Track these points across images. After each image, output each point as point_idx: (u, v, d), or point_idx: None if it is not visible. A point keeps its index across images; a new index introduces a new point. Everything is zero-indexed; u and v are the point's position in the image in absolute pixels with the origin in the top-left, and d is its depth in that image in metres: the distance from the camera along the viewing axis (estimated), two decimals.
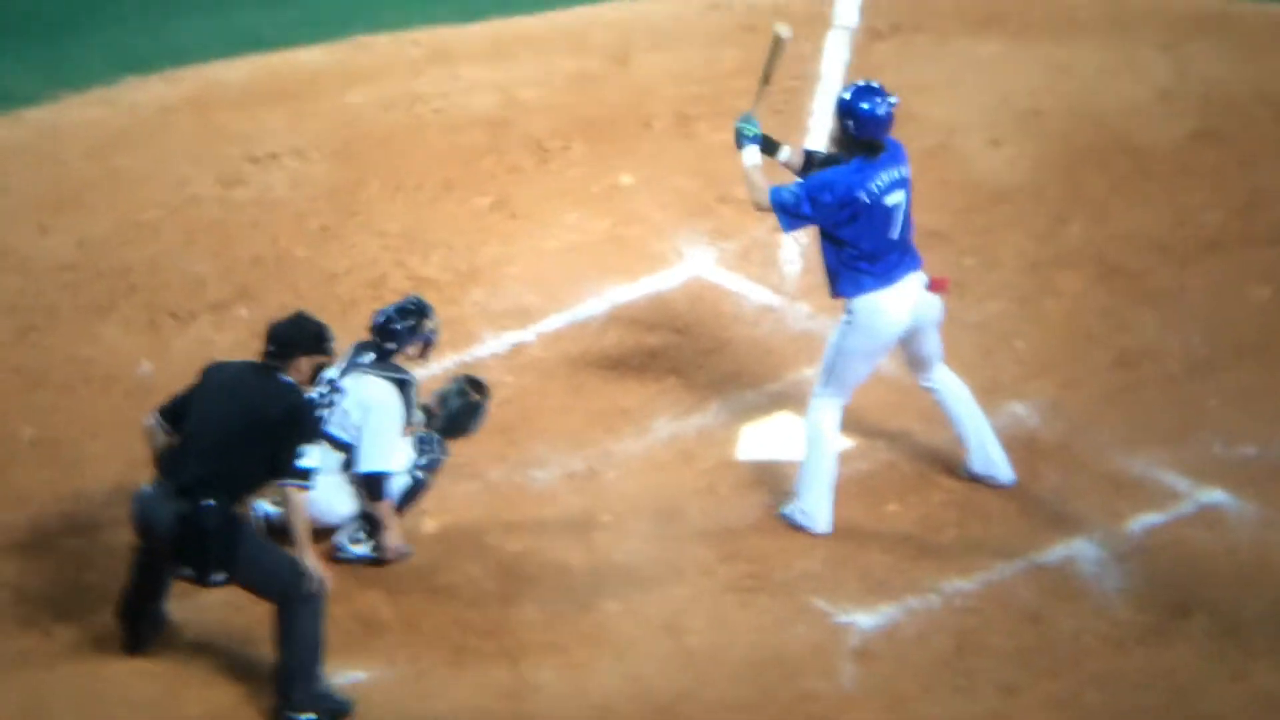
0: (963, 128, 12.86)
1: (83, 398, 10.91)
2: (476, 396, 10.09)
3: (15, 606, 9.57)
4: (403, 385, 9.90)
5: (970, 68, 13.36)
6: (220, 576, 8.94)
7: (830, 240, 9.84)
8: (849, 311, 9.86)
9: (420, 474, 9.90)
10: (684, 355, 11.27)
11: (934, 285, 9.93)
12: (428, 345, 10.05)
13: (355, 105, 13.13)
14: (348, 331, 11.23)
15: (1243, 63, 13.29)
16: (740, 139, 9.95)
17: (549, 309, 11.55)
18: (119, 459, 10.32)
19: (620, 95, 13.13)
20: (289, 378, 9.03)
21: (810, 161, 10.03)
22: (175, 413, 9.10)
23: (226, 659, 9.28)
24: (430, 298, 10.43)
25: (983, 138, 12.81)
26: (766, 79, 10.02)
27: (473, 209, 12.34)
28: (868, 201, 9.70)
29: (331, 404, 9.80)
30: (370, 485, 9.77)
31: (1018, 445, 10.60)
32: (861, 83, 9.80)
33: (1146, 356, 11.27)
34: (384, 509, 9.78)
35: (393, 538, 9.79)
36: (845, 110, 9.72)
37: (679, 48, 13.54)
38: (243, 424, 8.90)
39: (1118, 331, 11.45)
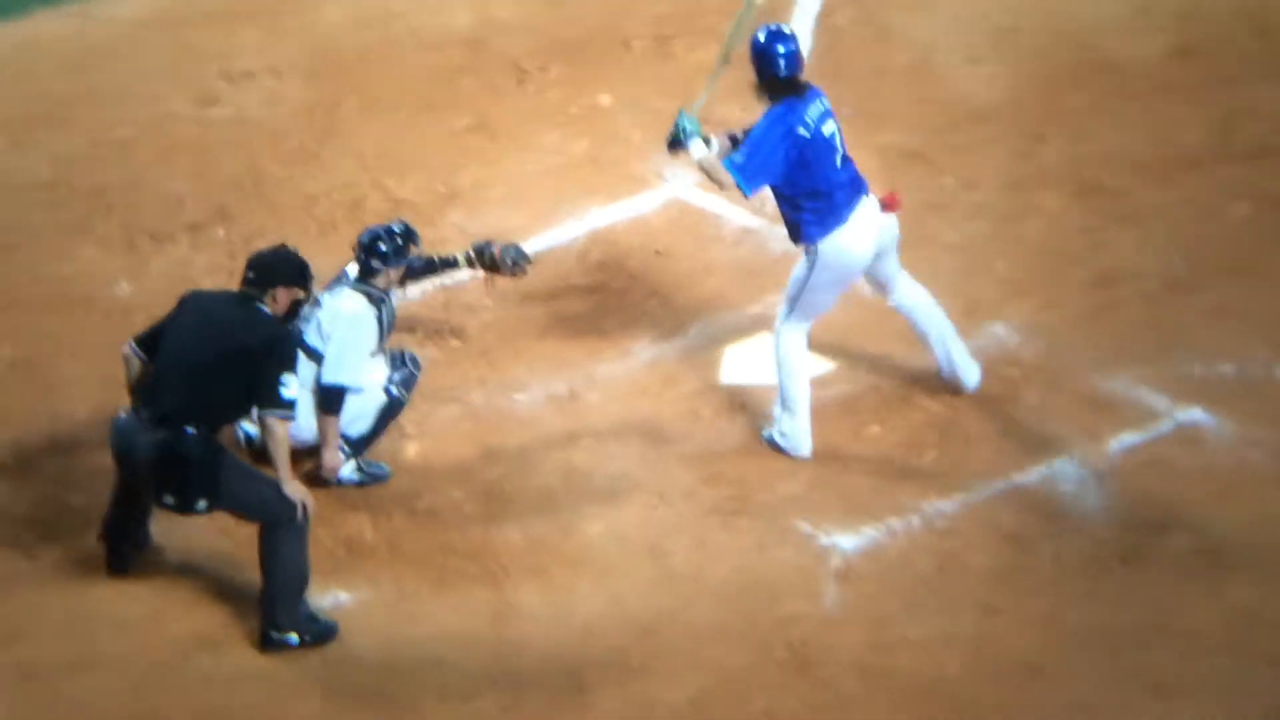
0: (941, 46, 12.80)
1: (61, 318, 10.87)
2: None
3: None
4: (378, 303, 9.88)
5: None
6: (202, 504, 8.94)
7: (783, 194, 9.86)
8: (814, 252, 9.88)
9: (395, 390, 9.90)
10: (665, 277, 11.25)
11: (886, 205, 9.98)
12: (410, 271, 10.02)
13: (331, 23, 13.01)
14: (325, 251, 11.20)
15: None
16: (681, 137, 9.96)
17: (529, 231, 11.50)
18: (98, 380, 10.28)
19: (597, 15, 13.03)
20: (267, 309, 8.98)
21: (735, 141, 10.06)
22: (152, 341, 9.07)
23: (212, 581, 9.31)
24: (409, 219, 10.37)
25: (961, 56, 12.76)
26: (726, 57, 10.03)
27: (450, 130, 12.27)
28: (809, 136, 9.74)
29: (308, 317, 9.78)
30: (326, 397, 9.73)
31: (998, 365, 10.63)
32: (771, 27, 9.91)
33: (1125, 275, 11.29)
34: (328, 424, 9.73)
35: (330, 456, 9.71)
36: (766, 54, 9.79)
37: None
38: (221, 353, 8.87)
39: (1097, 250, 11.45)
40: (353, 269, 10.02)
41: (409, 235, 9.97)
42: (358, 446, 9.91)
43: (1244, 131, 12.22)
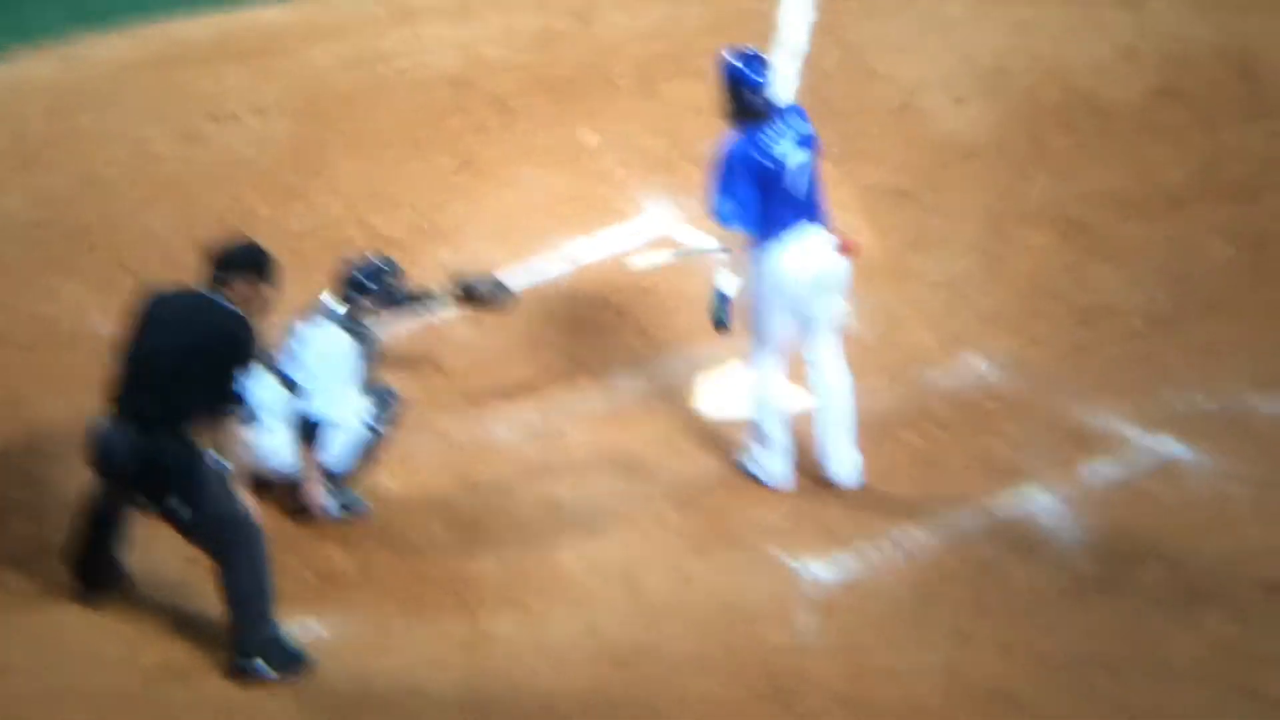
0: (927, 86, 12.86)
1: (44, 356, 10.88)
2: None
3: None
4: (358, 335, 9.91)
5: (934, 26, 13.34)
6: (186, 513, 8.85)
7: None
8: (756, 260, 9.86)
9: (375, 426, 9.90)
10: (646, 311, 11.28)
11: (843, 248, 9.92)
12: (392, 303, 10.04)
13: (318, 64, 13.08)
14: (311, 290, 11.18)
15: (1204, 20, 13.29)
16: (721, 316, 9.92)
17: (513, 266, 11.54)
18: (81, 417, 10.22)
19: (584, 54, 13.09)
20: (230, 303, 8.89)
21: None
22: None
23: (183, 611, 9.26)
24: (394, 256, 10.39)
25: (947, 95, 12.81)
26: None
27: (437, 168, 12.31)
28: (771, 166, 9.73)
29: (284, 347, 9.78)
30: (305, 429, 9.72)
31: (979, 399, 10.64)
32: (746, 50, 9.88)
33: (1109, 312, 11.31)
34: (307, 455, 9.73)
35: (312, 489, 9.69)
36: (736, 80, 9.76)
37: (642, 6, 13.49)
38: (188, 354, 8.79)
39: (1081, 287, 11.48)
40: (330, 300, 10.04)
41: (390, 268, 10.00)
42: (337, 479, 9.91)
43: (1227, 172, 12.27)
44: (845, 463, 10.05)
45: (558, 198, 12.08)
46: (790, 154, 9.83)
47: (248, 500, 8.92)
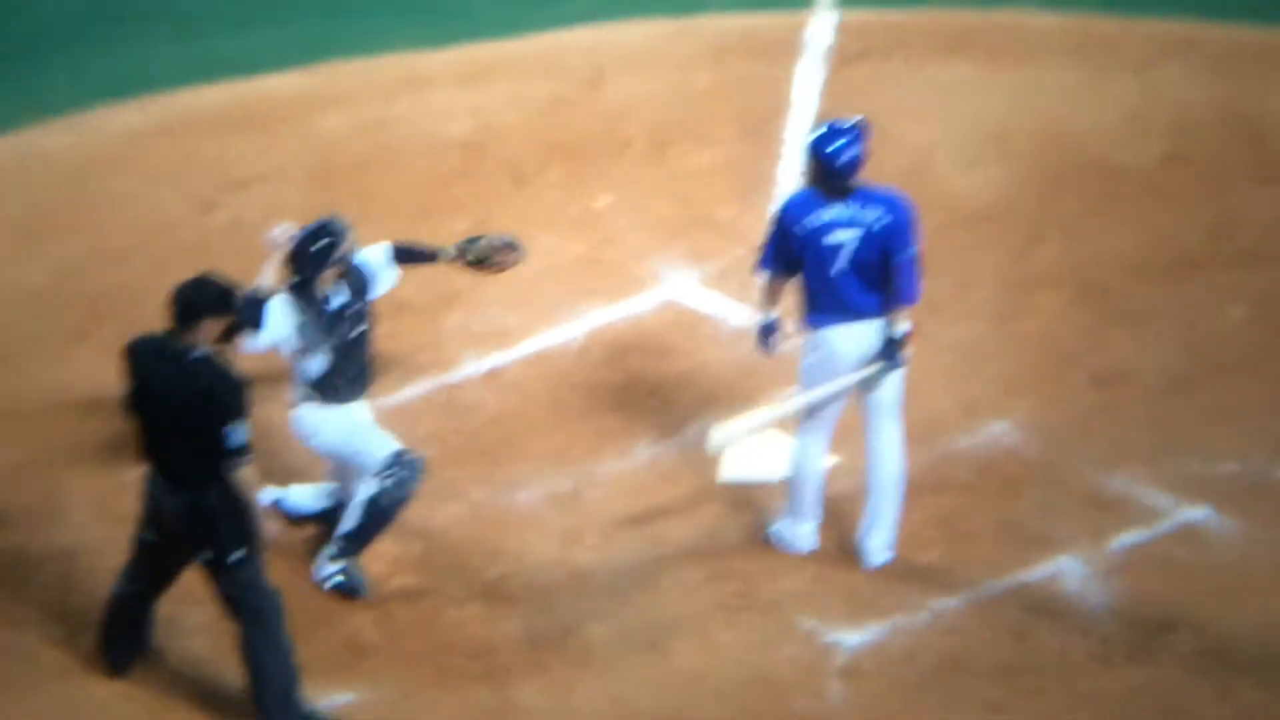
0: (936, 150, 12.92)
1: (60, 424, 10.84)
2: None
3: None
4: (310, 305, 9.66)
5: (941, 91, 13.43)
6: (239, 554, 8.81)
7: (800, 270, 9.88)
8: (806, 341, 9.89)
9: (389, 487, 9.73)
10: (664, 376, 11.27)
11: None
12: (346, 267, 9.78)
13: (328, 130, 13.11)
14: None
15: (1211, 85, 13.38)
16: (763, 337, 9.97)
17: (528, 331, 11.53)
18: (98, 484, 10.26)
19: (594, 119, 13.15)
20: (199, 349, 8.82)
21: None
22: (129, 396, 8.95)
23: (211, 683, 9.22)
24: (410, 320, 10.39)
25: (956, 160, 12.86)
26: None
27: (449, 232, 12.27)
28: (800, 234, 9.71)
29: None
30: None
31: (999, 463, 10.63)
32: (834, 121, 9.81)
33: (1124, 375, 11.32)
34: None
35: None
36: (811, 150, 9.75)
37: (651, 70, 13.56)
38: (174, 418, 8.78)
39: (1094, 351, 11.49)
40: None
41: (333, 231, 9.74)
42: (347, 546, 9.79)
43: (1237, 236, 12.31)
44: (880, 544, 9.99)
45: (571, 261, 12.09)
46: (832, 232, 9.74)
47: (270, 525, 8.86)
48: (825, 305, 9.79)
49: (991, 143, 12.96)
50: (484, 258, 10.20)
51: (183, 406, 8.75)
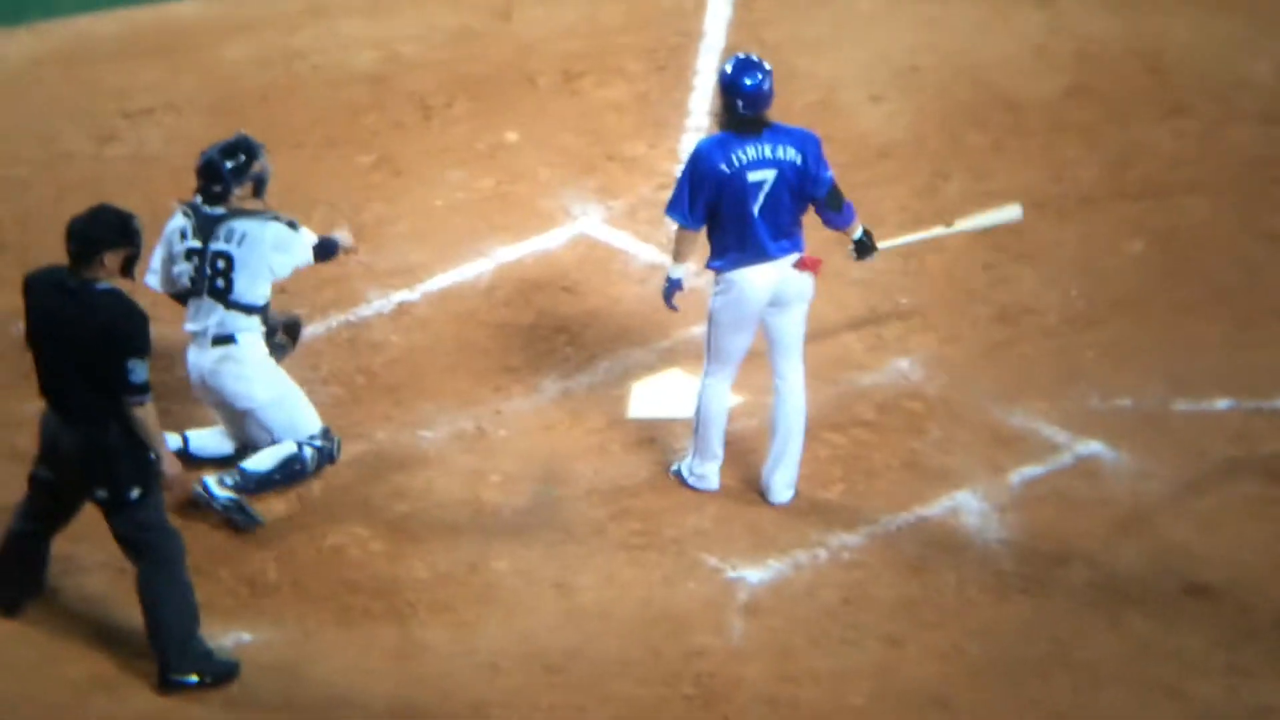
0: (843, 84, 12.94)
1: None
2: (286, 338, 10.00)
3: None
4: (274, 216, 9.66)
5: (850, 24, 13.43)
6: (135, 492, 8.76)
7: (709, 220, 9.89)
8: (715, 282, 9.91)
9: (310, 450, 9.75)
10: (572, 314, 11.28)
11: (802, 264, 9.92)
12: (259, 185, 9.74)
13: (232, 60, 12.96)
14: None
15: (1115, 18, 13.46)
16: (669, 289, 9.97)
17: (435, 268, 11.49)
18: None
19: (503, 51, 13.06)
20: (101, 281, 8.71)
21: None
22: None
23: (109, 623, 9.19)
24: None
25: (863, 93, 12.90)
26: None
27: (355, 167, 12.24)
28: (727, 172, 9.70)
29: (226, 268, 9.54)
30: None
31: (902, 399, 10.73)
32: (742, 56, 9.78)
33: (1025, 311, 11.44)
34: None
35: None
36: (730, 87, 9.70)
37: (562, 3, 13.48)
38: (73, 351, 8.68)
39: (997, 286, 11.60)
40: (216, 209, 9.71)
41: (250, 147, 9.68)
42: (246, 483, 9.70)
43: (1137, 169, 12.43)
44: (784, 482, 10.08)
45: (480, 197, 12.05)
46: (754, 170, 9.74)
47: (171, 462, 8.81)
48: (738, 246, 9.79)
49: (898, 76, 13.00)
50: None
51: (83, 340, 8.66)
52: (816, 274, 9.95)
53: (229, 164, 9.68)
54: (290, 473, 9.78)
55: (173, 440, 9.83)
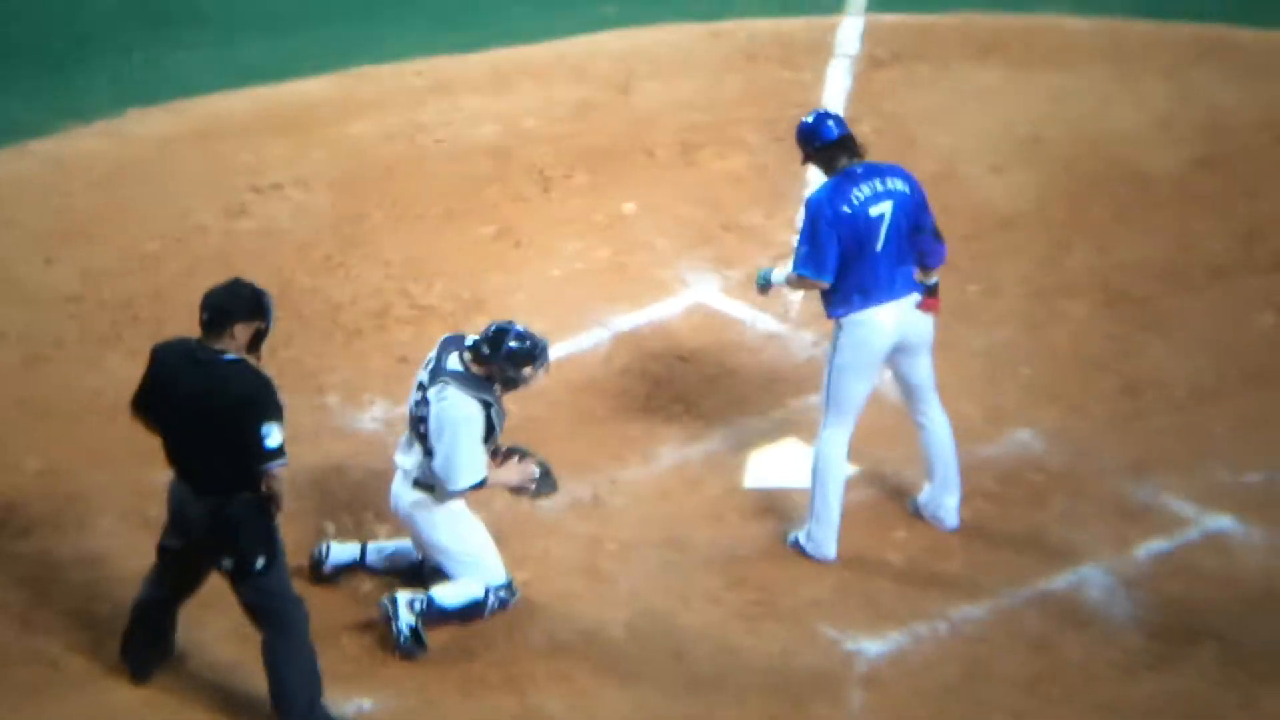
0: (965, 155, 12.88)
1: (88, 428, 10.89)
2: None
3: (22, 638, 9.54)
4: (486, 405, 9.57)
5: (972, 95, 13.39)
6: (260, 562, 8.85)
7: None
8: (836, 329, 9.90)
9: (493, 597, 9.64)
10: (689, 383, 11.27)
11: (924, 305, 9.93)
12: (508, 384, 9.61)
13: (357, 136, 13.15)
14: (352, 358, 11.28)
15: (1243, 89, 13.33)
16: (762, 281, 10.17)
17: (553, 337, 11.49)
18: (125, 489, 10.31)
19: (622, 124, 13.15)
20: (230, 352, 8.83)
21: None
22: (145, 400, 8.97)
23: (235, 689, 9.26)
24: (434, 326, 10.38)
25: (985, 165, 12.83)
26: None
27: (476, 238, 12.35)
28: (849, 212, 9.77)
29: (423, 415, 9.47)
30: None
31: (1024, 471, 10.59)
32: (817, 110, 10.09)
33: (1152, 383, 11.28)
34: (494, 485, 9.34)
35: (509, 474, 9.26)
36: (813, 130, 9.90)
37: (680, 76, 13.57)
38: (204, 423, 8.79)
39: (1123, 358, 11.45)
40: (453, 360, 9.61)
41: (534, 353, 9.54)
42: (431, 614, 9.50)
43: (1268, 241, 12.26)
44: (955, 506, 10.08)
45: (597, 267, 12.10)
46: (873, 205, 9.80)
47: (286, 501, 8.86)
48: (862, 288, 9.79)
49: (1021, 148, 12.92)
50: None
51: (213, 412, 8.77)
52: (936, 314, 9.90)
53: (512, 345, 9.47)
54: (468, 616, 9.64)
55: (350, 551, 9.81)
